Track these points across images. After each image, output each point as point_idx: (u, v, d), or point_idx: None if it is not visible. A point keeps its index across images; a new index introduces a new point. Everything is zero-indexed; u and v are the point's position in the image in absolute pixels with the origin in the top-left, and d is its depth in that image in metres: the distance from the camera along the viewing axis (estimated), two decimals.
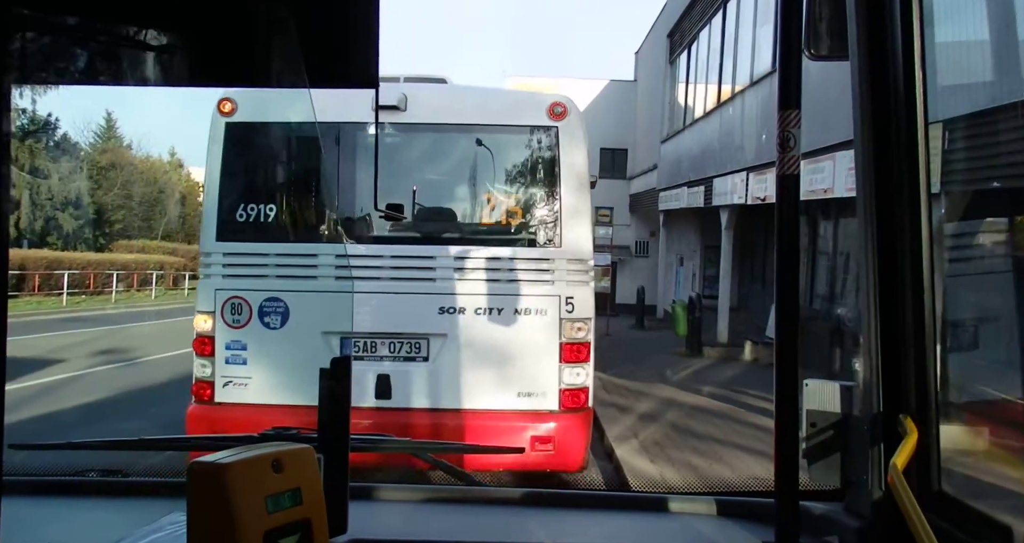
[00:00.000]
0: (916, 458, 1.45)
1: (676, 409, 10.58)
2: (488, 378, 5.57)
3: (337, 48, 1.27)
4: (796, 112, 1.44)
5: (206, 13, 1.21)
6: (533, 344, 5.55)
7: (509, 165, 5.95)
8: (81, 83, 1.31)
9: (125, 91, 5.11)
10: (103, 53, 1.25)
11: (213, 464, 1.13)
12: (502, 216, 5.92)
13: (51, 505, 1.92)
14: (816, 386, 1.62)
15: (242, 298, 5.63)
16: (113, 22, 1.22)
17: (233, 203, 5.69)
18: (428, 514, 1.96)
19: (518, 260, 5.66)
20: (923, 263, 1.53)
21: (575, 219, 5.71)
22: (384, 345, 5.66)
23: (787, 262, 1.45)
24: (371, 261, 5.67)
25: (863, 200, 1.59)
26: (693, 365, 15.64)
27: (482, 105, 6.14)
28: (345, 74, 1.32)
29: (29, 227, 35.98)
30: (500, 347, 5.58)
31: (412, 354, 5.66)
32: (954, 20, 1.76)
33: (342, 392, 1.44)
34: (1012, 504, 1.50)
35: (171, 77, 1.31)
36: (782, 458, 1.43)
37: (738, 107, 17.30)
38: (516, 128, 5.84)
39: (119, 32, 1.24)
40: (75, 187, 36.92)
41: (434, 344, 5.63)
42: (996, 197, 2.08)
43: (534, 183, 5.85)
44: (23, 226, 35.31)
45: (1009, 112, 1.85)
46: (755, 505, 1.88)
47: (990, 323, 2.05)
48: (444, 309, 5.60)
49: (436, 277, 5.65)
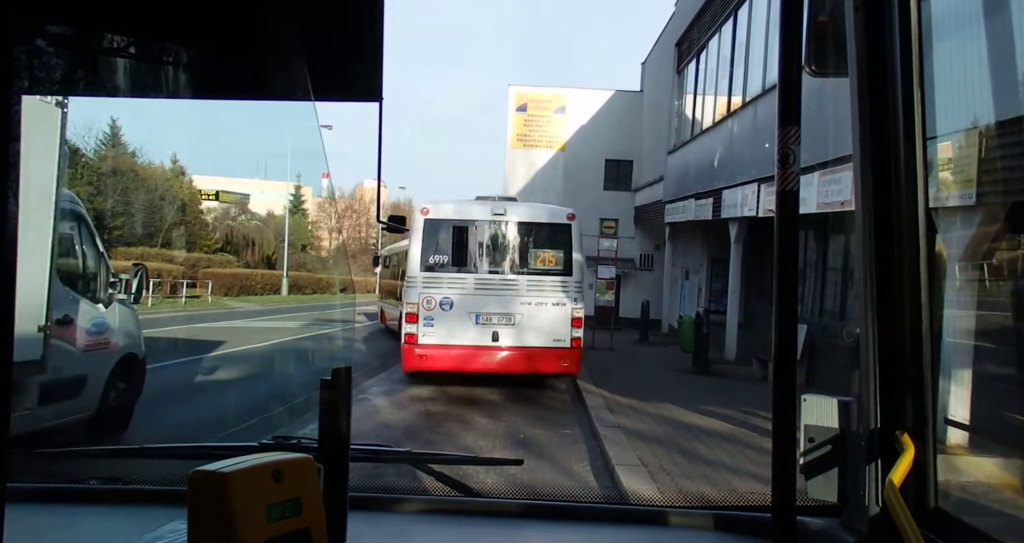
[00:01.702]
0: (913, 474, 1.46)
1: (684, 431, 10.34)
2: (541, 333, 12.95)
3: (342, 62, 1.29)
4: (796, 129, 1.45)
5: (213, 26, 1.23)
6: (559, 319, 13.05)
7: (548, 239, 13.42)
8: (87, 94, 1.33)
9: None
10: (110, 65, 1.27)
11: (214, 473, 1.14)
12: (545, 262, 13.38)
13: (52, 512, 1.93)
14: (814, 401, 1.62)
15: (431, 296, 13.00)
16: (120, 34, 1.24)
17: (426, 253, 13.10)
18: (427, 525, 1.96)
19: (552, 282, 13.22)
20: (921, 278, 1.54)
21: (577, 265, 13.39)
22: (495, 317, 13.07)
23: (786, 277, 1.45)
24: (490, 279, 13.15)
25: (862, 215, 1.60)
26: (700, 384, 15.41)
27: (536, 211, 14.15)
28: (350, 88, 1.34)
29: None
30: (545, 319, 13.02)
31: (507, 323, 13.08)
32: (953, 37, 1.77)
33: (342, 402, 1.45)
34: (1008, 521, 1.50)
35: (177, 89, 1.33)
36: (779, 473, 1.44)
37: (749, 117, 17.19)
38: (553, 224, 13.48)
39: (126, 44, 1.26)
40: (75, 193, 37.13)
41: (516, 318, 13.07)
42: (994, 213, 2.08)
43: (558, 247, 13.31)
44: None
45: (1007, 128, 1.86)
46: (752, 520, 1.88)
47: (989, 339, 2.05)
48: (521, 303, 13.07)
49: (518, 288, 13.13)
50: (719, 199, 18.75)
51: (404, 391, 13.43)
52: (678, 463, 8.56)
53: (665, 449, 9.20)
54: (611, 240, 23.50)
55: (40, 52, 1.17)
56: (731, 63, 19.08)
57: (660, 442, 9.58)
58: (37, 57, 1.16)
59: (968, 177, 1.99)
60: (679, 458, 8.79)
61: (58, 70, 1.25)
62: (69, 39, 1.21)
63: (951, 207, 1.97)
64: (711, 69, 21.49)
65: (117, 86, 1.28)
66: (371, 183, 67.21)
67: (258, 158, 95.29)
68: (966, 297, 2.16)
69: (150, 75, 1.33)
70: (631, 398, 12.88)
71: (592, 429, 10.50)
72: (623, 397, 12.95)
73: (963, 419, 1.99)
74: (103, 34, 1.23)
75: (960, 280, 2.17)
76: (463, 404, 12.44)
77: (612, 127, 33.46)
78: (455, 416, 11.36)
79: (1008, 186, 1.92)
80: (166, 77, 1.32)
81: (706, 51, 22.20)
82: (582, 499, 2.17)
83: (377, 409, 11.59)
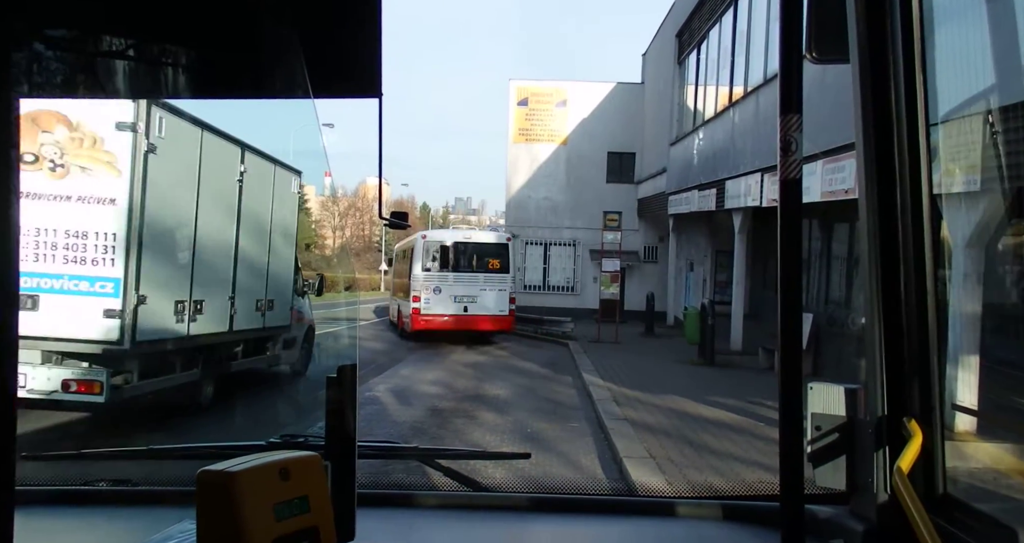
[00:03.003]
0: (921, 461, 1.45)
1: (691, 422, 10.34)
2: (490, 307, 22.25)
3: (341, 59, 1.28)
4: (797, 116, 1.44)
5: (210, 26, 1.23)
6: (501, 298, 22.36)
7: (495, 252, 22.89)
8: (86, 97, 1.33)
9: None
10: (109, 67, 1.27)
11: (222, 473, 1.15)
12: (492, 266, 22.65)
13: (62, 515, 1.94)
14: (820, 389, 1.62)
15: (427, 286, 22.13)
16: (118, 36, 1.23)
17: (424, 261, 22.31)
18: (436, 521, 1.96)
19: (497, 278, 22.57)
20: (926, 265, 1.53)
21: (512, 268, 23.42)
22: (465, 298, 22.15)
23: (790, 266, 1.45)
24: (462, 276, 22.38)
25: (865, 203, 1.59)
26: (706, 375, 15.43)
27: (488, 236, 26.17)
28: (349, 84, 1.33)
29: None
30: (492, 299, 22.32)
31: (472, 301, 22.15)
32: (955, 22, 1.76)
33: (349, 399, 1.45)
34: (1017, 506, 1.49)
35: (177, 89, 1.33)
36: (787, 461, 1.43)
37: (752, 106, 17.13)
38: (497, 243, 23.63)
39: (124, 46, 1.25)
40: None
41: (477, 298, 22.15)
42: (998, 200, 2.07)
43: (500, 257, 22.74)
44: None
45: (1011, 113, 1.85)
46: (761, 509, 1.88)
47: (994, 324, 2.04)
48: (479, 289, 22.29)
49: (478, 281, 22.40)
50: (722, 190, 18.70)
51: (411, 388, 13.47)
52: (686, 454, 8.56)
53: (672, 440, 9.21)
54: (615, 233, 23.49)
55: (39, 56, 1.16)
56: (732, 53, 19.00)
57: (667, 434, 9.58)
58: (36, 61, 1.16)
59: (972, 163, 1.99)
60: (687, 449, 8.80)
61: (57, 74, 1.25)
62: (68, 42, 1.21)
63: (955, 193, 1.96)
64: (712, 59, 21.42)
65: (117, 88, 1.28)
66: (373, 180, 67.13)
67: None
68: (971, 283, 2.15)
69: (149, 77, 1.33)
70: (637, 390, 12.90)
71: (599, 422, 10.51)
72: (629, 390, 12.97)
73: (971, 405, 1.98)
74: (101, 36, 1.23)
75: (966, 266, 2.16)
76: (470, 400, 12.46)
77: (614, 120, 33.40)
78: (462, 411, 11.37)
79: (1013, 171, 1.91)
80: (165, 78, 1.31)
81: (707, 41, 22.13)
82: (590, 492, 2.18)
83: (385, 406, 11.62)
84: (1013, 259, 2.36)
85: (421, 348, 20.53)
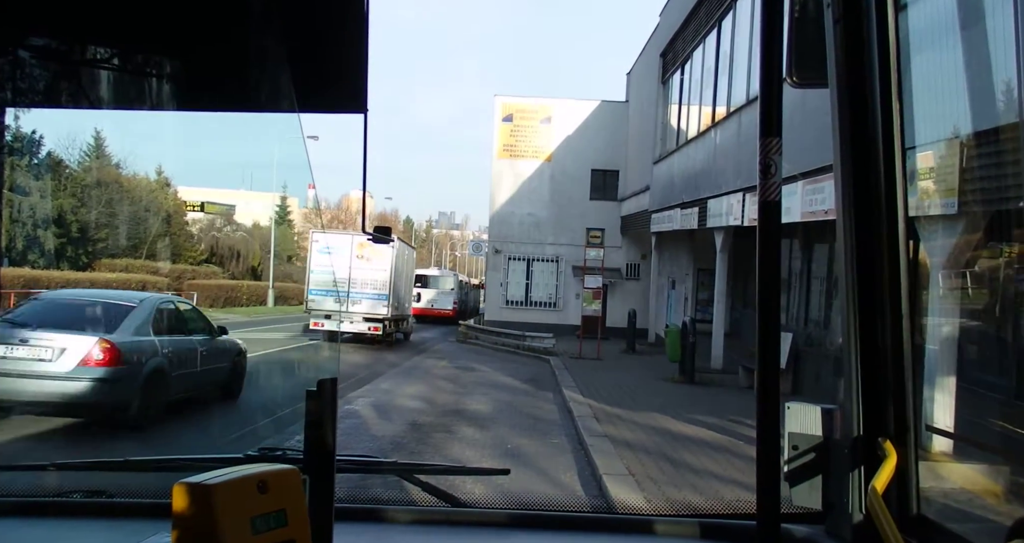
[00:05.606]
0: (895, 481, 1.47)
1: (671, 440, 10.34)
2: (445, 305, 41.78)
3: (328, 76, 1.29)
4: (777, 139, 1.46)
5: (199, 40, 1.23)
6: (447, 299, 42.05)
7: (446, 278, 44.98)
8: (73, 106, 1.33)
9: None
10: (96, 77, 1.27)
11: (198, 485, 1.14)
12: (444, 285, 43.19)
13: (35, 527, 1.91)
14: (798, 409, 1.64)
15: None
16: (106, 47, 1.24)
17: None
18: (414, 536, 1.96)
19: (448, 292, 42.73)
20: (902, 287, 1.56)
21: (456, 286, 44.51)
22: (433, 302, 41.40)
23: (769, 287, 1.47)
24: (430, 292, 41.67)
25: (843, 224, 1.62)
26: (687, 393, 15.43)
27: (444, 271, 51.33)
28: (336, 100, 1.34)
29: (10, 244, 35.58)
30: (445, 301, 42.09)
31: (436, 304, 41.53)
32: (931, 49, 1.80)
33: (328, 413, 1.45)
34: (989, 527, 1.51)
35: (162, 101, 1.33)
36: (764, 480, 1.44)
37: (734, 126, 17.27)
38: (448, 276, 46.08)
39: (112, 57, 1.26)
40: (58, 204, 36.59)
41: (438, 302, 41.86)
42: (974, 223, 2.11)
43: (448, 281, 44.14)
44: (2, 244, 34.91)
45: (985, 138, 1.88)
46: (738, 527, 1.89)
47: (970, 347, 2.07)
48: (440, 297, 41.91)
49: (439, 295, 42.22)
50: (704, 208, 18.82)
51: (392, 402, 13.41)
52: (665, 471, 8.56)
53: (652, 458, 9.20)
54: (597, 249, 23.56)
55: (24, 64, 1.16)
56: (715, 73, 19.16)
57: (647, 451, 9.58)
58: (21, 69, 1.16)
59: (950, 186, 2.02)
60: (666, 466, 8.80)
61: (42, 82, 1.25)
62: (53, 52, 1.21)
63: (933, 216, 1.99)
64: (695, 79, 21.60)
65: (101, 98, 1.28)
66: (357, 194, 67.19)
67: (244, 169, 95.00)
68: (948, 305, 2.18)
69: (135, 87, 1.33)
70: (618, 407, 12.89)
71: (579, 439, 10.49)
72: (610, 406, 12.95)
73: (945, 426, 2.00)
74: (87, 47, 1.23)
75: (942, 288, 2.19)
76: (450, 415, 12.41)
77: (598, 137, 33.59)
78: (442, 426, 11.33)
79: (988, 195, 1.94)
80: (151, 89, 1.32)
81: (690, 61, 22.32)
82: (569, 508, 2.17)
83: (365, 420, 11.55)
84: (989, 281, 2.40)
85: (403, 361, 20.44)
